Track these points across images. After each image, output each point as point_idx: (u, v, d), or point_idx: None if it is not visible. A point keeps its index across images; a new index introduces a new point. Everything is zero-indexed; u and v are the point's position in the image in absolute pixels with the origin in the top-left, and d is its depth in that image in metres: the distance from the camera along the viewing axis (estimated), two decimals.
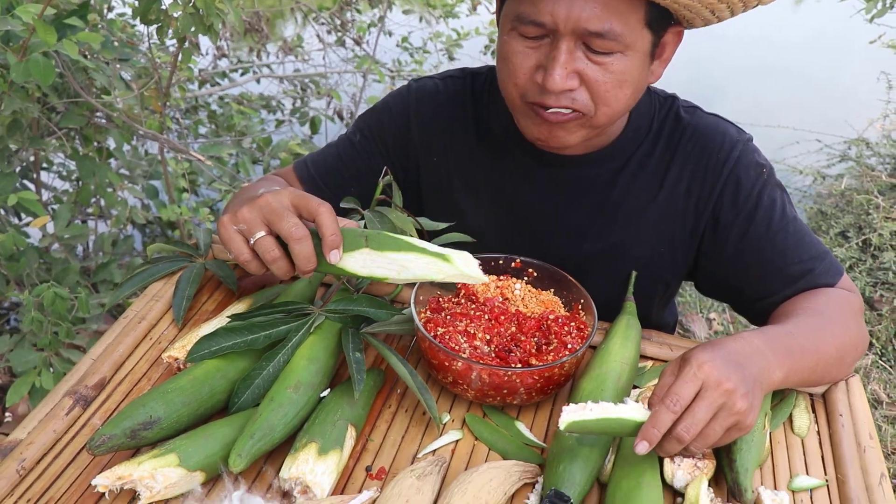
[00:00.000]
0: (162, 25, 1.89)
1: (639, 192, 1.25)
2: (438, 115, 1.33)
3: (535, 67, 1.06)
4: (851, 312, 1.17)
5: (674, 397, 0.87)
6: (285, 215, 0.93)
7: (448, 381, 1.05)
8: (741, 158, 1.21)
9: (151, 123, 2.16)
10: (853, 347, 1.13)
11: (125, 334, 1.16)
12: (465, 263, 0.91)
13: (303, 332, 1.04)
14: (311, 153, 1.42)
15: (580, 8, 0.98)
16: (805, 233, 1.22)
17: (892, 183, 3.67)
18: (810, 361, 1.04)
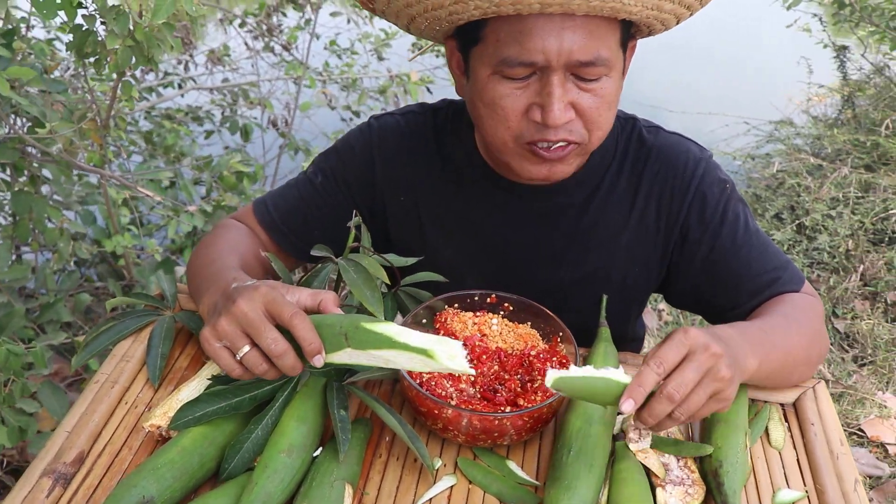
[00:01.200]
0: (99, 58, 1.83)
1: (610, 217, 1.27)
2: (402, 152, 1.31)
3: (527, 107, 1.06)
4: (815, 315, 1.22)
5: (658, 360, 0.89)
6: (263, 329, 0.93)
7: (437, 427, 1.06)
8: (705, 176, 1.25)
9: (92, 157, 2.09)
10: (817, 348, 1.19)
11: (98, 401, 1.13)
12: (450, 356, 0.89)
13: (289, 391, 1.02)
14: (270, 193, 1.38)
15: (570, 41, 0.98)
16: (768, 244, 1.27)
17: (819, 163, 3.82)
18: (779, 357, 1.08)
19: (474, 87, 1.10)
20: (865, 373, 2.67)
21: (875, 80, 4.59)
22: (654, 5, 0.99)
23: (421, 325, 1.20)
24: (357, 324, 0.93)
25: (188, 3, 1.78)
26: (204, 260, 1.22)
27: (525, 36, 0.99)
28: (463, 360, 0.89)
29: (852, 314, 2.92)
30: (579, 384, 0.89)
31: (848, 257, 3.14)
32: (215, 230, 1.34)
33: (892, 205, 3.23)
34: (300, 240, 1.33)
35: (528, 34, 0.99)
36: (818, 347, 1.20)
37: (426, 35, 1.14)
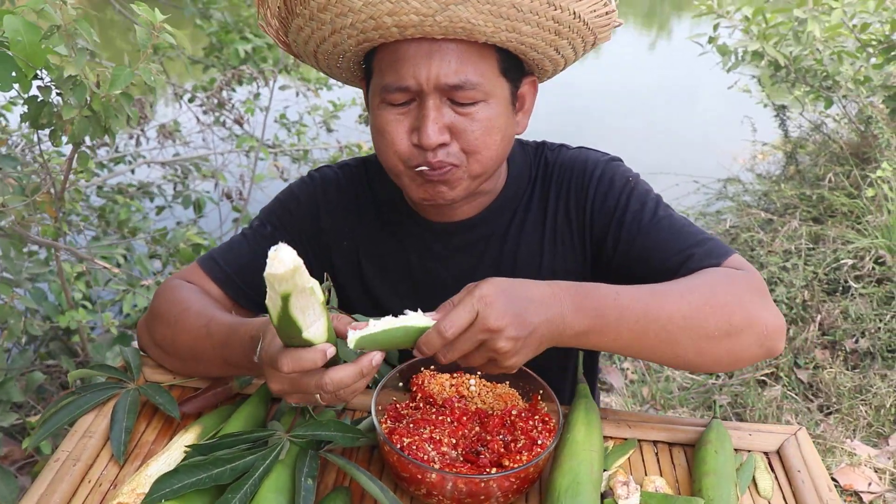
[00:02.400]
0: (55, 130, 1.80)
1: (529, 238, 1.31)
2: (342, 201, 1.36)
3: (409, 131, 1.11)
4: (729, 281, 1.10)
5: (448, 323, 0.92)
6: (310, 397, 0.95)
7: (421, 492, 1.02)
8: (604, 175, 1.27)
9: (47, 230, 2.03)
10: (726, 314, 1.05)
11: (59, 480, 1.06)
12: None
13: (270, 460, 0.98)
14: (216, 250, 1.35)
15: (437, 65, 1.05)
16: (682, 225, 1.21)
17: (769, 218, 3.91)
18: (632, 321, 1.01)
19: (370, 118, 1.17)
20: (832, 421, 2.68)
21: (814, 136, 4.76)
22: (510, 27, 1.03)
23: (397, 389, 1.17)
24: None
25: (146, 73, 1.77)
26: (183, 321, 1.18)
27: (399, 63, 1.07)
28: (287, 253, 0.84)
29: (814, 364, 2.95)
30: (381, 336, 0.93)
31: (805, 308, 3.19)
32: (168, 290, 1.27)
33: (842, 255, 3.31)
34: (255, 293, 1.31)
35: (401, 61, 1.07)
36: (724, 312, 1.05)
37: (339, 76, 1.23)
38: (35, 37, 1.56)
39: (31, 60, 1.58)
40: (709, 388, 2.91)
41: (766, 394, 2.80)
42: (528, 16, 1.02)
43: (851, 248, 3.33)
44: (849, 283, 3.23)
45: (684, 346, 1.05)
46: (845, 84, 3.89)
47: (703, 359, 1.07)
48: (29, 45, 1.58)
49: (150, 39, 1.72)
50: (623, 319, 1.01)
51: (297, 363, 0.90)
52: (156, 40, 1.73)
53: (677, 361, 1.09)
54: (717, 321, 1.05)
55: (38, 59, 1.60)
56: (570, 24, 1.06)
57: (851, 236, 3.39)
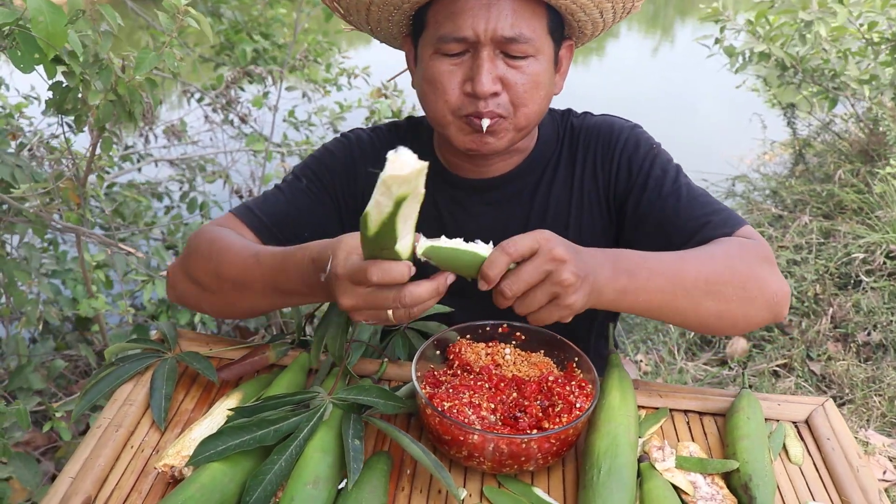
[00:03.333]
0: (80, 115, 1.81)
1: (558, 195, 1.37)
2: (378, 160, 1.35)
3: (462, 81, 1.17)
4: (742, 250, 1.15)
5: (511, 243, 0.93)
6: (384, 313, 0.94)
7: (461, 455, 1.03)
8: (629, 139, 1.34)
9: (70, 216, 2.05)
10: (741, 280, 1.11)
11: (103, 445, 1.08)
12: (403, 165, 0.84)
13: (314, 422, 0.99)
14: (252, 200, 1.36)
15: (495, 18, 1.12)
16: (700, 194, 1.28)
17: (779, 214, 3.93)
18: (661, 283, 1.05)
19: (420, 70, 1.23)
20: (846, 412, 2.70)
21: (822, 135, 4.78)
22: None
23: (433, 359, 1.19)
24: None
25: (170, 57, 1.79)
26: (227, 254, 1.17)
27: (458, 14, 1.13)
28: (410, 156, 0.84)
29: (826, 356, 2.96)
30: (448, 253, 0.93)
31: (817, 301, 3.21)
32: (205, 232, 1.25)
33: (853, 249, 3.33)
34: (290, 243, 1.31)
35: (460, 12, 1.13)
36: (740, 279, 1.11)
37: (387, 34, 1.29)
38: (57, 17, 1.58)
39: (52, 40, 1.60)
40: (722, 380, 2.92)
41: (780, 384, 2.82)
42: None
43: (862, 242, 3.35)
44: (860, 277, 3.24)
45: (707, 308, 1.10)
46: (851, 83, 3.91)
47: (721, 322, 1.13)
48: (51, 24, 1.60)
49: (175, 23, 1.74)
50: (652, 281, 1.05)
51: (387, 274, 0.89)
52: (180, 24, 1.75)
53: (700, 323, 1.13)
54: (734, 287, 1.10)
55: (60, 39, 1.61)
56: None
57: (862, 231, 3.40)
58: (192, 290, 1.24)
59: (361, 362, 1.27)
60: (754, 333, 3.15)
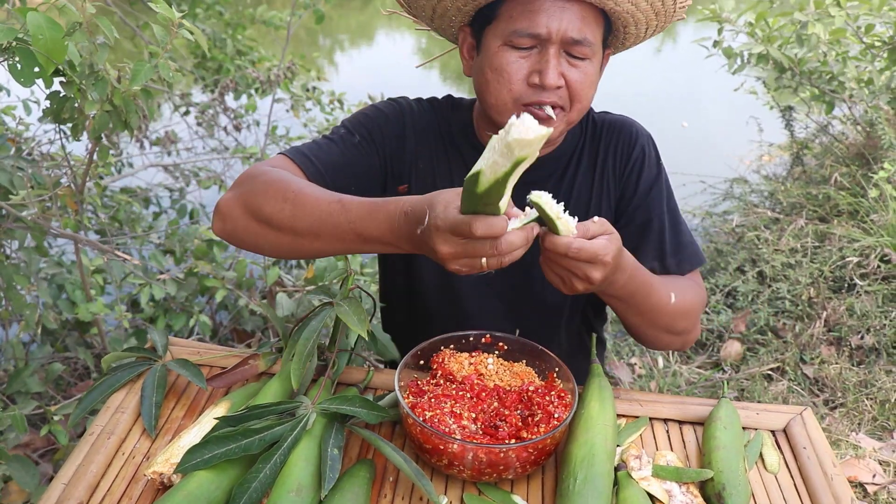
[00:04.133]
0: (76, 124, 1.84)
1: (582, 181, 1.48)
2: (422, 125, 1.48)
3: (528, 73, 1.26)
4: (693, 298, 1.39)
5: (577, 250, 1.04)
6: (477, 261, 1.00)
7: (442, 463, 1.06)
8: (645, 150, 1.48)
9: (67, 222, 2.08)
10: (686, 322, 1.37)
11: (95, 452, 1.11)
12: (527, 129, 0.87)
13: (297, 431, 1.02)
14: (305, 146, 1.37)
15: (568, 20, 1.23)
16: (679, 222, 1.49)
17: (776, 217, 3.94)
18: (645, 307, 1.28)
19: (485, 58, 1.30)
20: (838, 415, 2.72)
21: (820, 138, 4.79)
22: (632, 9, 1.25)
23: (417, 368, 1.21)
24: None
25: (164, 68, 1.81)
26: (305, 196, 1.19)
27: (535, 13, 1.23)
28: (533, 122, 0.87)
29: (819, 359, 2.98)
30: (544, 210, 1.01)
31: (811, 305, 3.22)
32: (268, 171, 1.27)
33: (847, 253, 3.34)
34: (340, 191, 1.29)
35: (537, 11, 1.23)
36: (685, 323, 1.37)
37: (446, 23, 1.38)
38: (56, 33, 1.61)
39: (52, 55, 1.63)
40: (715, 383, 2.95)
41: (772, 388, 2.84)
42: (651, 3, 1.24)
43: (857, 246, 3.36)
44: (854, 281, 3.26)
45: (655, 329, 1.34)
46: (849, 86, 3.92)
47: (655, 342, 1.39)
48: (50, 41, 1.63)
49: (169, 35, 1.76)
50: (640, 301, 1.25)
51: (491, 228, 0.95)
52: (174, 37, 1.78)
53: (638, 334, 1.38)
54: (680, 326, 1.36)
55: (59, 54, 1.65)
56: (668, 8, 1.28)
57: (857, 235, 3.42)
58: (253, 227, 1.23)
59: (348, 371, 1.29)
60: (748, 336, 3.17)
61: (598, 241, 1.06)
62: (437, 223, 0.99)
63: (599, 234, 1.08)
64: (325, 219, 1.15)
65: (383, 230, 1.10)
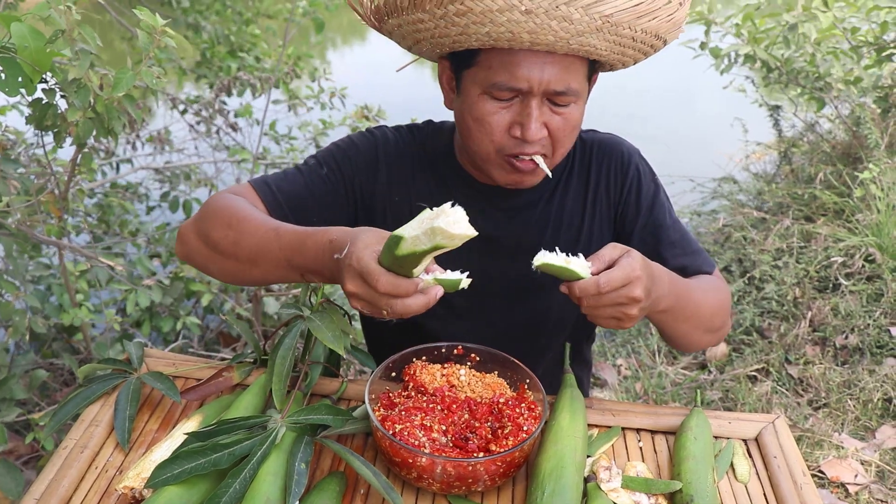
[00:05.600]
0: (59, 131, 1.85)
1: (571, 204, 1.46)
2: (399, 158, 1.44)
3: (509, 125, 1.23)
4: (723, 296, 1.40)
5: (606, 280, 1.06)
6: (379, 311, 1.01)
7: (412, 476, 1.07)
8: (639, 167, 1.47)
9: (51, 229, 2.08)
10: (721, 318, 1.38)
11: (68, 466, 1.11)
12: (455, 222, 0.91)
13: (266, 445, 1.03)
14: (271, 175, 1.39)
15: (549, 73, 1.18)
16: (685, 231, 1.48)
17: (762, 217, 3.96)
18: (689, 310, 1.28)
19: (465, 104, 1.27)
20: (821, 415, 2.73)
21: (808, 136, 4.81)
22: (619, 51, 1.19)
23: (389, 379, 1.22)
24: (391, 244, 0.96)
25: (148, 76, 1.81)
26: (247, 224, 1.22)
27: (514, 66, 1.18)
28: (463, 219, 0.91)
29: (804, 359, 3.00)
30: (554, 269, 1.07)
31: (796, 305, 3.24)
32: (223, 198, 1.30)
33: (832, 253, 3.36)
34: (298, 222, 1.32)
35: (516, 65, 1.17)
36: (721, 316, 1.38)
37: (424, 55, 1.32)
38: (41, 42, 1.61)
39: (37, 65, 1.63)
40: (700, 384, 2.96)
41: (757, 388, 2.85)
42: (638, 44, 1.18)
43: (842, 245, 3.38)
44: (839, 281, 3.27)
45: (699, 331, 1.34)
46: (836, 85, 3.94)
47: (696, 344, 1.38)
48: (35, 51, 1.63)
49: (152, 43, 1.77)
50: (686, 306, 1.26)
51: (395, 288, 0.97)
52: (158, 44, 1.78)
53: (684, 341, 1.36)
54: (718, 321, 1.37)
55: (45, 63, 1.65)
56: (657, 46, 1.23)
57: (842, 234, 3.44)
58: (204, 252, 1.28)
59: (322, 382, 1.30)
60: (734, 337, 3.18)
61: (621, 263, 1.08)
62: (351, 262, 1.01)
63: (617, 256, 1.09)
64: (262, 245, 1.19)
65: (309, 259, 1.12)
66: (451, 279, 0.99)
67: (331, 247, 1.07)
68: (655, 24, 1.15)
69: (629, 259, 1.08)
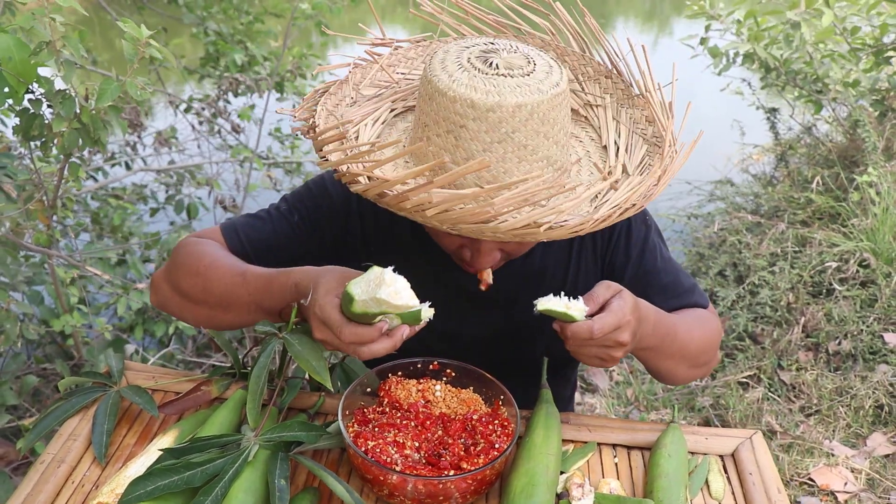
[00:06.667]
0: (46, 141, 1.85)
1: (556, 255, 1.40)
2: (374, 207, 1.32)
3: (460, 246, 1.19)
4: (713, 332, 1.38)
5: (600, 327, 1.05)
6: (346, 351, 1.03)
7: (384, 493, 1.07)
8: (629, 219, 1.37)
9: (40, 237, 2.09)
10: (708, 354, 1.36)
11: (44, 482, 1.12)
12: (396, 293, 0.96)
13: (239, 463, 1.03)
14: (239, 220, 1.37)
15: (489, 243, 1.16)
16: (678, 270, 1.43)
17: (758, 221, 3.96)
18: (674, 348, 1.26)
19: None
20: (812, 422, 2.73)
21: (805, 139, 4.80)
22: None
23: (366, 394, 1.23)
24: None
25: (132, 87, 1.82)
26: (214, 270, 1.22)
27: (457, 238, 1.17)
28: (405, 288, 0.96)
29: (796, 365, 3.00)
30: (555, 314, 1.08)
31: (790, 310, 3.24)
32: (192, 244, 1.29)
33: (827, 258, 3.36)
34: (267, 266, 1.30)
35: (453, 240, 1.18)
36: (707, 356, 1.36)
37: None
38: (25, 54, 1.62)
39: (22, 77, 1.64)
40: (692, 391, 2.96)
41: (748, 395, 2.85)
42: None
43: (837, 250, 3.38)
44: (833, 286, 3.27)
45: (684, 366, 1.32)
46: (834, 87, 3.93)
47: (682, 378, 1.36)
48: (20, 63, 1.64)
49: (137, 54, 1.77)
50: (672, 344, 1.25)
51: (358, 338, 0.99)
52: (142, 55, 1.78)
53: (668, 376, 1.34)
54: (705, 358, 1.35)
55: (30, 75, 1.66)
56: None
57: (837, 239, 3.43)
58: (176, 300, 1.28)
59: (301, 396, 1.31)
60: (726, 343, 3.18)
61: (612, 307, 1.07)
62: (314, 309, 1.03)
63: (609, 297, 1.09)
64: (231, 290, 1.19)
65: (278, 301, 1.13)
66: (412, 312, 0.99)
67: (296, 290, 1.08)
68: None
69: (621, 302, 1.08)
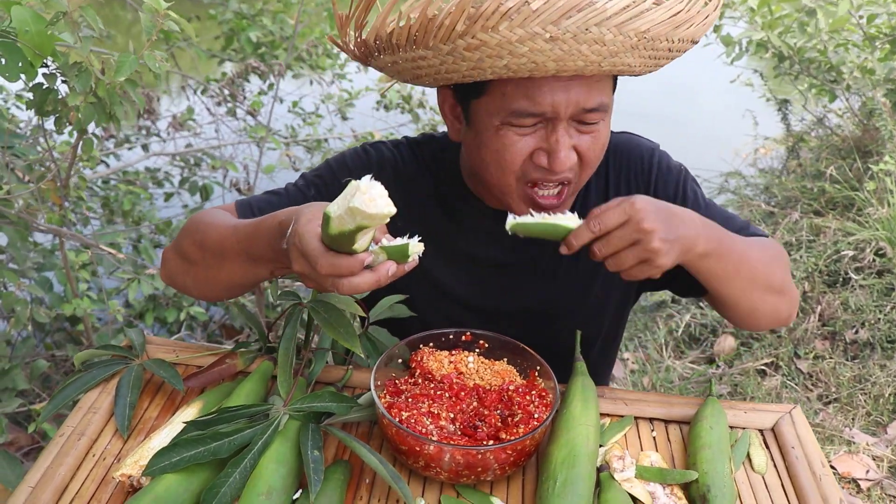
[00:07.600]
0: (60, 116, 1.81)
1: None
2: (398, 180, 1.32)
3: (532, 151, 1.12)
4: (780, 252, 1.30)
5: (596, 221, 1.01)
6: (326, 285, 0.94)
7: (419, 465, 1.04)
8: (660, 164, 1.35)
9: (52, 217, 2.05)
10: (780, 273, 1.25)
11: (64, 454, 1.08)
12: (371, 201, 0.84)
13: (268, 434, 1.00)
14: (255, 197, 1.33)
15: (576, 94, 1.06)
16: (724, 210, 1.37)
17: (770, 210, 3.92)
18: (735, 259, 1.15)
19: (479, 137, 1.15)
20: (831, 410, 2.70)
21: (817, 130, 4.76)
22: (653, 64, 1.08)
23: (396, 366, 1.19)
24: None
25: (150, 60, 1.78)
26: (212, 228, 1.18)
27: (535, 91, 1.06)
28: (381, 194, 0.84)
29: (814, 354, 2.96)
30: (534, 227, 1.02)
31: (805, 299, 3.20)
32: (201, 213, 1.26)
33: (842, 247, 3.32)
34: None
35: (537, 89, 1.05)
36: (779, 276, 1.25)
37: (423, 85, 1.18)
38: (42, 26, 1.58)
39: (38, 49, 1.60)
40: (709, 378, 2.93)
41: (766, 383, 2.82)
42: (673, 53, 1.07)
43: (852, 239, 3.34)
44: (849, 275, 3.23)
45: (759, 289, 1.21)
46: (849, 75, 3.89)
47: (763, 307, 1.24)
48: (37, 35, 1.60)
49: (155, 26, 1.73)
50: (731, 252, 1.14)
51: (336, 269, 0.90)
52: (161, 27, 1.74)
53: (747, 305, 1.23)
54: (778, 277, 1.24)
55: (46, 47, 1.62)
56: (688, 48, 1.11)
57: (852, 228, 3.40)
58: (179, 265, 1.25)
59: (327, 369, 1.27)
60: (742, 331, 3.14)
61: (615, 204, 1.02)
62: (294, 240, 0.94)
63: (615, 205, 1.02)
64: (222, 244, 1.14)
65: (264, 247, 1.05)
66: (398, 245, 0.91)
67: (280, 228, 1.00)
68: (692, 31, 1.04)
69: (627, 200, 1.02)
